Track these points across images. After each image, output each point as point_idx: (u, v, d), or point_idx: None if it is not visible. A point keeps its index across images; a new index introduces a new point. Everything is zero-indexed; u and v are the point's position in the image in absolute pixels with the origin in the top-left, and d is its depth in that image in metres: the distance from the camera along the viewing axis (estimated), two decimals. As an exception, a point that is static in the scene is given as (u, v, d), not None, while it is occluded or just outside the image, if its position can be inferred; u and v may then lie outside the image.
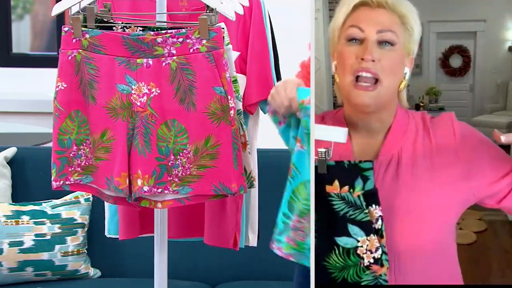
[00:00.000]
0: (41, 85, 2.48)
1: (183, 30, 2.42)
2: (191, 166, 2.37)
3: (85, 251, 3.53)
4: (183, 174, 2.39)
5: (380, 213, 1.14)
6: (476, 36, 3.62)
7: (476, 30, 3.56)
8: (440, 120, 1.14)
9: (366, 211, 1.16)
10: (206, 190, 2.37)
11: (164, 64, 2.40)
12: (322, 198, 1.10)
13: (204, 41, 2.36)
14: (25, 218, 3.57)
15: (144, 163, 2.39)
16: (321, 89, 2.47)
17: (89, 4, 2.43)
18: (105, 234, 2.96)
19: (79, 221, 3.61)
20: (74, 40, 2.36)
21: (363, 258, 1.22)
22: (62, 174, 2.44)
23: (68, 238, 3.57)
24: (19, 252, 3.52)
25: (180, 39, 2.40)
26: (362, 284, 1.34)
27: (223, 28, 2.38)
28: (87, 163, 2.46)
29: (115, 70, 2.40)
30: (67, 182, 2.47)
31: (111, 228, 2.94)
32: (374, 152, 1.07)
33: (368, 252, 1.17)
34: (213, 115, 2.33)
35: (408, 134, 1.09)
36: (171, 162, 2.36)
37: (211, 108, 2.34)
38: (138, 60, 2.42)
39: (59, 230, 3.57)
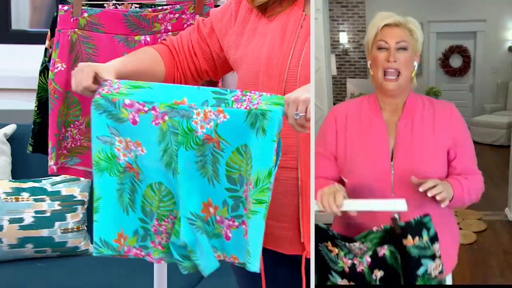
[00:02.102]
0: (40, 62, 2.46)
1: (179, 6, 2.40)
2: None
3: (85, 228, 3.49)
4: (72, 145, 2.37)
5: (438, 246, 1.57)
6: (476, 36, 3.63)
7: (476, 30, 3.56)
8: (441, 102, 1.74)
9: (432, 249, 1.55)
10: None
11: (159, 40, 2.39)
12: (400, 247, 1.51)
13: (197, 16, 2.35)
14: (25, 195, 3.52)
15: None
16: (321, 89, 2.47)
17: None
18: None
19: (79, 198, 3.57)
20: (72, 19, 2.33)
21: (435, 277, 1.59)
22: (56, 157, 2.40)
23: (68, 215, 3.53)
24: (19, 229, 3.48)
25: (176, 15, 2.38)
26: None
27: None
28: (73, 145, 2.42)
29: (114, 48, 2.37)
30: (56, 166, 2.43)
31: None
32: (396, 120, 1.65)
33: (437, 272, 1.55)
34: None
35: (417, 107, 1.67)
36: None
37: None
38: (136, 38, 2.39)
39: (59, 207, 3.54)
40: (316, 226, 1.60)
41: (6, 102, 4.20)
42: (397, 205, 1.51)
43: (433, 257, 1.54)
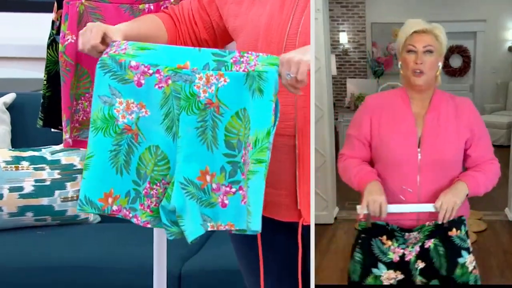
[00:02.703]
0: (39, 30, 2.43)
1: None
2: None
3: None
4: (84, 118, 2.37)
5: (470, 242, 1.93)
6: (476, 36, 3.62)
7: (476, 30, 3.56)
8: (460, 98, 1.95)
9: (467, 242, 1.88)
10: None
11: (162, 8, 2.40)
12: (445, 238, 1.84)
13: None
14: (25, 163, 3.53)
15: None
16: (321, 89, 2.47)
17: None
18: None
19: (79, 167, 3.56)
20: None
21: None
22: (70, 130, 2.39)
23: (68, 184, 3.53)
24: (19, 197, 3.49)
25: None
26: None
27: None
28: (84, 118, 2.42)
29: (119, 18, 2.37)
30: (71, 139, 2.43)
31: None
32: (424, 112, 1.88)
33: (472, 266, 1.88)
34: None
35: (441, 102, 1.89)
36: None
37: None
38: (141, 6, 2.40)
39: (59, 176, 3.54)
40: (374, 224, 1.87)
41: (6, 70, 4.18)
42: (428, 208, 1.82)
43: (468, 249, 1.86)
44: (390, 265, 1.81)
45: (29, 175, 3.49)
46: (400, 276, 1.84)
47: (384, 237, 1.85)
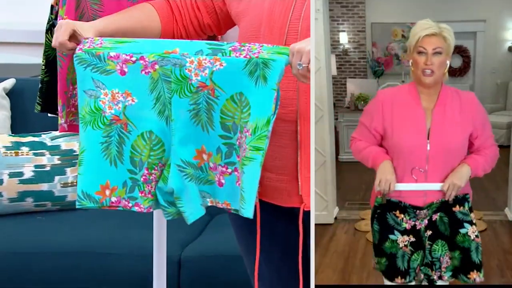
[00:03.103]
0: (39, 15, 2.41)
1: None
2: None
3: None
4: None
5: (474, 216, 2.13)
6: (476, 36, 3.63)
7: (476, 30, 3.56)
8: (464, 92, 2.12)
9: (470, 216, 2.09)
10: None
11: None
12: (450, 213, 2.08)
13: None
14: (25, 149, 3.50)
15: None
16: (321, 89, 2.47)
17: None
18: None
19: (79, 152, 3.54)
20: None
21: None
22: (66, 115, 2.38)
23: (68, 170, 3.52)
24: (19, 183, 3.47)
25: None
26: None
27: None
28: None
29: (118, 4, 2.34)
30: (66, 124, 2.41)
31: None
32: (432, 106, 2.06)
33: (474, 235, 2.10)
34: None
35: (448, 97, 2.06)
36: None
37: None
38: None
39: (59, 162, 3.52)
40: (388, 200, 2.09)
41: (5, 56, 4.16)
42: (434, 187, 2.06)
43: (471, 222, 2.08)
44: (404, 232, 2.07)
45: (29, 161, 3.48)
46: (412, 239, 2.10)
47: (397, 211, 2.06)
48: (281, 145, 2.02)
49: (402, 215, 2.08)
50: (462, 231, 2.09)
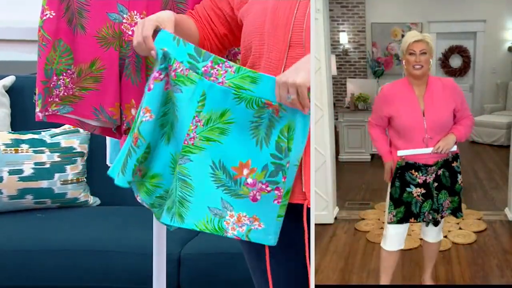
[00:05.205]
0: (39, 12, 2.42)
1: None
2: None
3: (85, 179, 3.46)
4: (65, 94, 2.36)
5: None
6: (476, 36, 3.63)
7: (476, 30, 3.56)
8: (445, 79, 2.54)
9: (459, 168, 2.53)
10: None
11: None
12: (450, 168, 2.50)
13: None
14: (25, 146, 3.49)
15: (137, 92, 2.35)
16: (321, 89, 2.47)
17: None
18: (107, 163, 2.88)
19: (78, 150, 3.54)
20: None
21: None
22: (44, 105, 2.39)
23: (68, 167, 3.50)
24: (18, 180, 3.45)
25: None
26: None
27: None
28: (65, 93, 2.39)
29: (107, 2, 2.35)
30: (45, 113, 2.41)
31: (113, 157, 2.85)
32: (423, 93, 2.45)
33: (461, 182, 2.55)
34: None
35: (435, 84, 2.47)
36: None
37: None
38: None
39: (59, 159, 3.50)
40: (407, 162, 2.46)
41: (5, 53, 4.14)
42: (427, 150, 2.44)
43: (460, 172, 2.53)
44: (417, 185, 2.49)
45: (28, 158, 3.47)
46: (423, 191, 2.47)
47: (413, 170, 2.50)
48: None
49: (416, 173, 2.52)
50: (458, 179, 2.55)
